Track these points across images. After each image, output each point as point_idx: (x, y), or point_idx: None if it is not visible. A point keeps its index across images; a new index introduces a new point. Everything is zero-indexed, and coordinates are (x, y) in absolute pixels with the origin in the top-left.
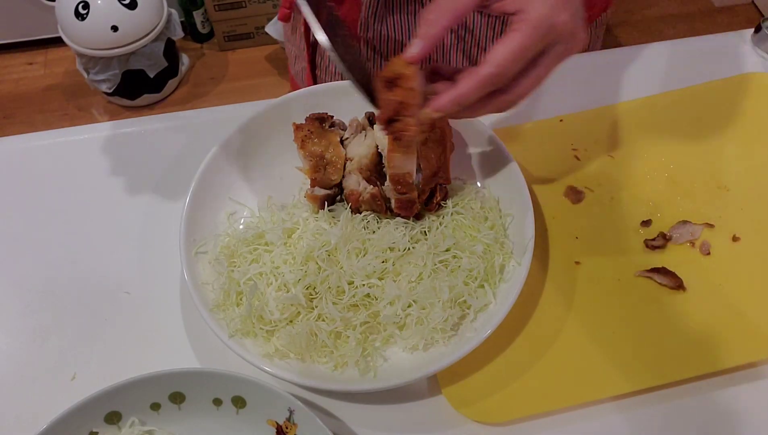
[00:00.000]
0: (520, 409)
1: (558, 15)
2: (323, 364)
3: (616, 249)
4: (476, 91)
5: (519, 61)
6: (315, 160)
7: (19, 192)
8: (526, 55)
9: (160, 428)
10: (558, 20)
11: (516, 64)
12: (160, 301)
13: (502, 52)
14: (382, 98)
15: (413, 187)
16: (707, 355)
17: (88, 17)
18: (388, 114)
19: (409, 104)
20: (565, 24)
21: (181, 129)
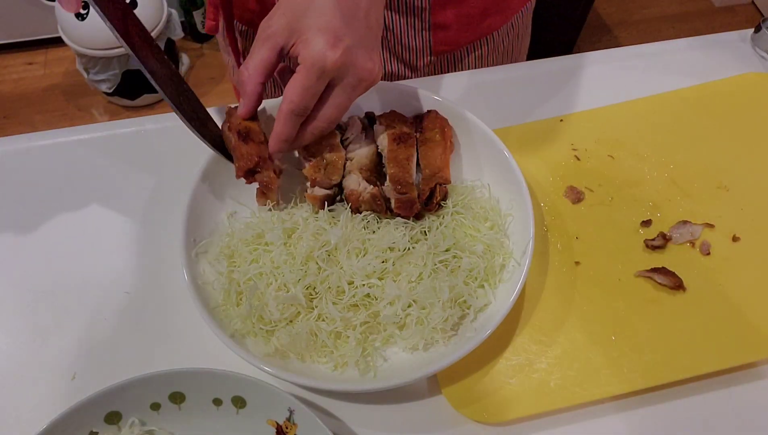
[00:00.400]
0: (520, 409)
1: (328, 56)
2: (323, 364)
3: (616, 249)
4: (287, 125)
5: (308, 96)
6: (315, 160)
7: (19, 192)
8: (312, 91)
9: (160, 428)
10: (328, 61)
11: (306, 98)
12: (160, 301)
13: (290, 90)
14: (240, 152)
15: (413, 187)
16: (707, 354)
17: (88, 17)
18: (248, 166)
19: (264, 157)
20: (335, 62)
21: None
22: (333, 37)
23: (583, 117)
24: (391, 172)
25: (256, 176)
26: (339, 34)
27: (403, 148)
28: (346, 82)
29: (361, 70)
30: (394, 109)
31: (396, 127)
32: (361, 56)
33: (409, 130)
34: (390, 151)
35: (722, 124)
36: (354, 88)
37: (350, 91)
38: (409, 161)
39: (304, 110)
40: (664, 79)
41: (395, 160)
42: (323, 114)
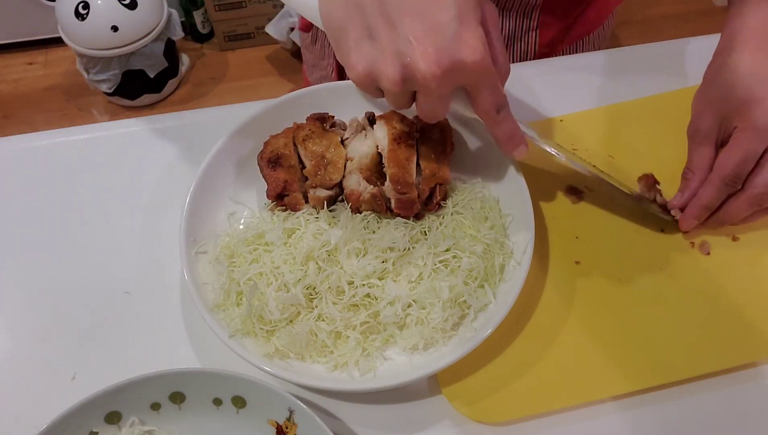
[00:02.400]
0: (520, 409)
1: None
2: (323, 364)
3: (616, 249)
4: (713, 193)
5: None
6: (316, 159)
7: (19, 192)
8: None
9: (160, 428)
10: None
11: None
12: (160, 301)
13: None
14: (270, 178)
15: (413, 187)
16: (707, 354)
17: (88, 17)
18: (276, 191)
19: (293, 181)
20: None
21: (181, 129)
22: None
23: (583, 117)
24: (391, 172)
25: (285, 199)
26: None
27: (403, 148)
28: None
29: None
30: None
31: (396, 127)
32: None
33: (409, 130)
34: (390, 151)
35: None
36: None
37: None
38: (409, 161)
39: (738, 179)
40: (665, 79)
41: (395, 160)
42: (761, 178)
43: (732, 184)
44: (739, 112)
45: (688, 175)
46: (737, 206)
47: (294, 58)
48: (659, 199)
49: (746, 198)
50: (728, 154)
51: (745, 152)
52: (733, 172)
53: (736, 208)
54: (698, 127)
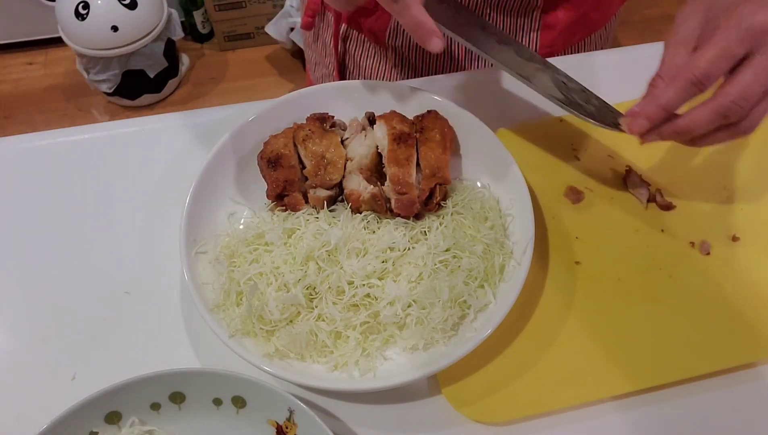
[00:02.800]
0: (520, 409)
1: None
2: (323, 364)
3: (616, 249)
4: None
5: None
6: (316, 159)
7: (19, 192)
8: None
9: (160, 428)
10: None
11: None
12: (160, 301)
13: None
14: (270, 178)
15: (413, 187)
16: (707, 354)
17: (88, 17)
18: (276, 191)
19: (293, 181)
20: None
21: (181, 129)
22: (757, 4)
23: None
24: (391, 172)
25: (285, 199)
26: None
27: (403, 148)
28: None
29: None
30: (394, 109)
31: (396, 127)
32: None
33: (409, 130)
34: (390, 151)
35: None
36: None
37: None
38: (409, 161)
39: (707, 78)
40: None
41: (395, 160)
42: (733, 87)
43: (699, 85)
44: (726, 12)
45: (654, 82)
46: (700, 115)
47: (294, 58)
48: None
49: (713, 105)
50: (702, 51)
51: (721, 50)
52: (703, 71)
53: (698, 117)
54: (677, 31)
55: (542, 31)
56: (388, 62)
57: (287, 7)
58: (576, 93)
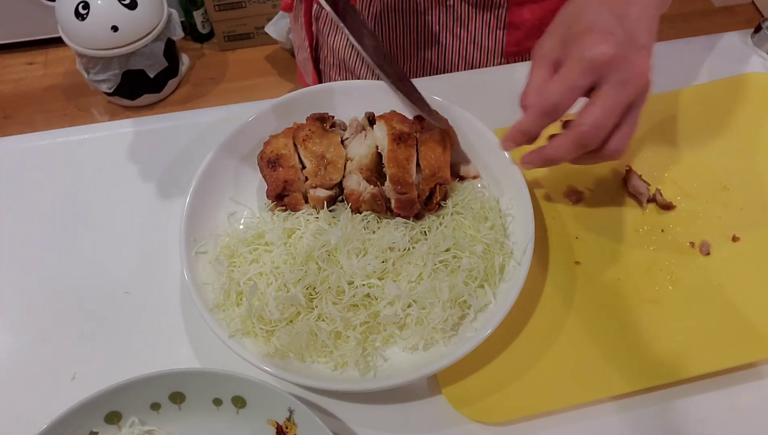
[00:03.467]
0: (520, 409)
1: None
2: (323, 364)
3: (616, 249)
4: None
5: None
6: (316, 159)
7: (19, 192)
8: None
9: (160, 428)
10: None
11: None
12: (160, 301)
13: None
14: (270, 178)
15: (413, 187)
16: (707, 354)
17: (88, 17)
18: (276, 191)
19: (293, 181)
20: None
21: (181, 129)
22: (604, 33)
23: None
24: (391, 172)
25: (285, 199)
26: (610, 30)
27: (403, 148)
28: (616, 79)
29: (635, 67)
30: (394, 109)
31: (396, 127)
32: (634, 53)
33: (409, 130)
34: (390, 151)
35: (722, 124)
36: (623, 85)
37: (619, 90)
38: (409, 161)
39: (556, 110)
40: (663, 79)
41: (395, 160)
42: (585, 118)
43: (550, 115)
44: (575, 37)
45: (522, 101)
46: (561, 144)
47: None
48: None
49: (571, 136)
50: (551, 83)
51: (567, 84)
52: (552, 103)
53: (559, 146)
54: (542, 45)
55: (508, 30)
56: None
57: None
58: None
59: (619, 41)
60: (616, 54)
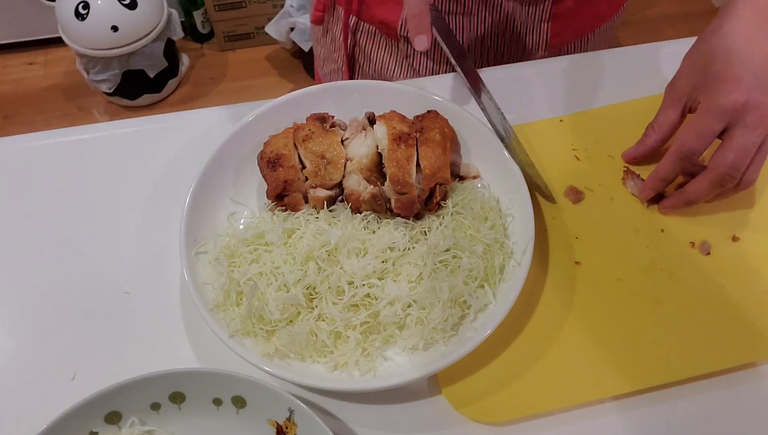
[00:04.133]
0: (520, 409)
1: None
2: (323, 364)
3: (616, 249)
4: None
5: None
6: (316, 160)
7: (19, 192)
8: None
9: (160, 428)
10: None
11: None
12: (160, 301)
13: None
14: (270, 178)
15: (413, 187)
16: (707, 354)
17: (88, 17)
18: (276, 191)
19: (293, 181)
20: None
21: (181, 129)
22: (733, 81)
23: (583, 117)
24: (391, 172)
25: (285, 199)
26: (739, 77)
27: (403, 148)
28: (747, 122)
29: (763, 109)
30: (394, 109)
31: (396, 127)
32: (761, 95)
33: (409, 130)
34: (390, 151)
35: None
36: (754, 127)
37: (751, 131)
38: (409, 161)
39: (693, 154)
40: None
41: (395, 160)
42: (721, 160)
43: (687, 160)
44: (707, 85)
45: (648, 132)
46: (700, 186)
47: (294, 58)
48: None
49: (709, 178)
50: (687, 130)
51: (702, 130)
52: (689, 148)
53: (699, 188)
54: (675, 85)
55: (552, 21)
56: (399, 54)
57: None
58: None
59: (749, 87)
60: (746, 101)
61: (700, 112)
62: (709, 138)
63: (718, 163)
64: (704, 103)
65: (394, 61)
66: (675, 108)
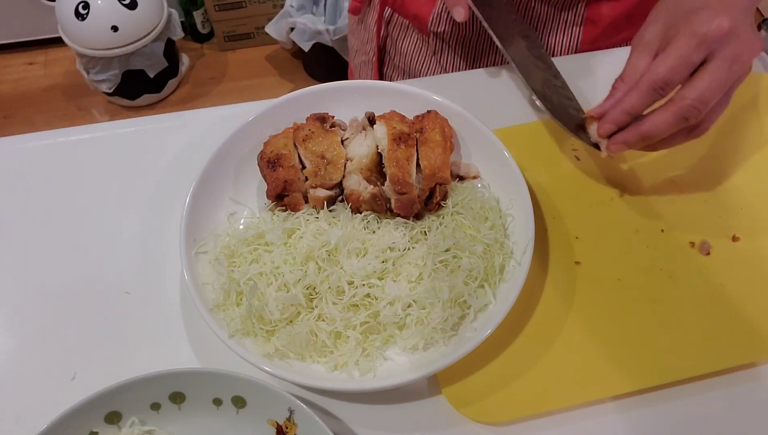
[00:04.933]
0: (520, 409)
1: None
2: (323, 364)
3: (616, 249)
4: (641, 98)
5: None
6: (316, 160)
7: (19, 192)
8: (686, 61)
9: (160, 428)
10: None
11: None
12: (160, 301)
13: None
14: (269, 178)
15: (413, 187)
16: (707, 354)
17: (88, 17)
18: (276, 191)
19: (293, 181)
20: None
21: (181, 129)
22: (719, 7)
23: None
24: (391, 172)
25: (285, 199)
26: (724, 7)
27: (403, 148)
28: (727, 54)
29: (745, 44)
30: (394, 110)
31: (396, 127)
32: (746, 31)
33: (409, 130)
34: (390, 151)
35: (722, 124)
36: (734, 61)
37: (730, 65)
38: (409, 161)
39: (667, 85)
40: None
41: (395, 160)
42: (690, 91)
43: (660, 90)
44: (687, 17)
45: (616, 85)
46: (661, 118)
47: (294, 58)
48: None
49: (673, 109)
50: (662, 58)
51: (679, 58)
52: (663, 78)
53: (659, 120)
54: (643, 34)
55: (585, 26)
56: (429, 48)
57: (287, 7)
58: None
59: (735, 18)
60: (731, 28)
61: (679, 38)
62: (688, 67)
63: (685, 93)
64: (684, 31)
65: (423, 55)
66: (646, 55)
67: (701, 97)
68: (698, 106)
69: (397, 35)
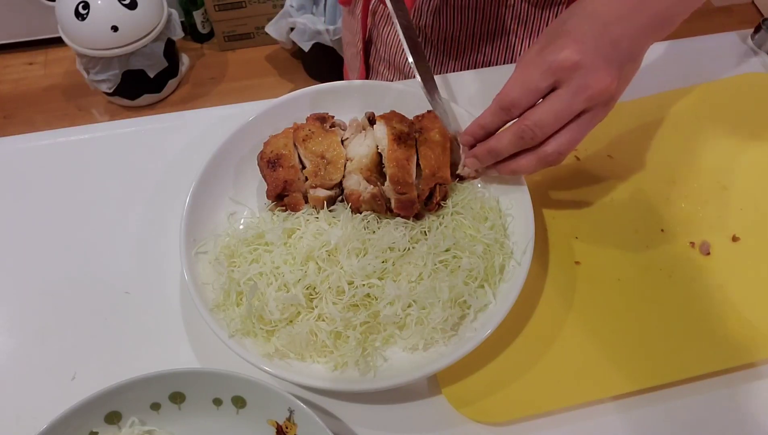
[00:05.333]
0: (520, 409)
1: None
2: (323, 364)
3: (616, 249)
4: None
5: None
6: (316, 160)
7: (19, 192)
8: (530, 86)
9: (160, 428)
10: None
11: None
12: (160, 301)
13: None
14: (270, 178)
15: (413, 187)
16: (707, 355)
17: (88, 17)
18: (276, 191)
19: (293, 181)
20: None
21: (181, 129)
22: (574, 40)
23: None
24: (391, 172)
25: (285, 199)
26: (581, 39)
27: (403, 148)
28: (573, 85)
29: (593, 77)
30: (394, 110)
31: (396, 127)
32: (597, 65)
33: (409, 130)
34: (390, 151)
35: (722, 124)
36: (578, 92)
37: (573, 96)
38: (409, 161)
39: (513, 106)
40: (663, 79)
41: (395, 160)
42: (531, 114)
43: (506, 110)
44: (547, 43)
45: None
46: (503, 135)
47: (294, 58)
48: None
49: (513, 129)
50: (512, 79)
51: (525, 83)
52: (510, 100)
53: (502, 136)
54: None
55: None
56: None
57: (287, 7)
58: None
59: (587, 50)
60: (578, 61)
61: (527, 63)
62: (532, 93)
63: (527, 115)
64: (536, 59)
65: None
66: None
67: (538, 122)
68: (533, 129)
69: (382, 26)
